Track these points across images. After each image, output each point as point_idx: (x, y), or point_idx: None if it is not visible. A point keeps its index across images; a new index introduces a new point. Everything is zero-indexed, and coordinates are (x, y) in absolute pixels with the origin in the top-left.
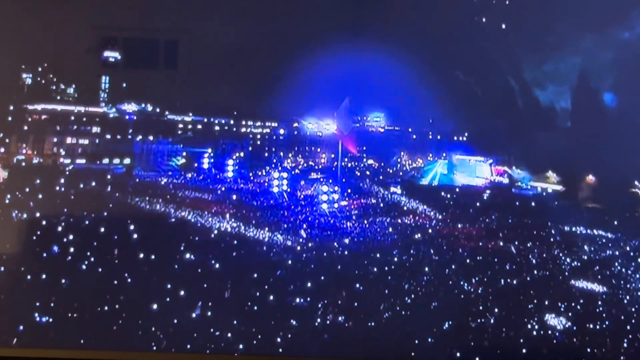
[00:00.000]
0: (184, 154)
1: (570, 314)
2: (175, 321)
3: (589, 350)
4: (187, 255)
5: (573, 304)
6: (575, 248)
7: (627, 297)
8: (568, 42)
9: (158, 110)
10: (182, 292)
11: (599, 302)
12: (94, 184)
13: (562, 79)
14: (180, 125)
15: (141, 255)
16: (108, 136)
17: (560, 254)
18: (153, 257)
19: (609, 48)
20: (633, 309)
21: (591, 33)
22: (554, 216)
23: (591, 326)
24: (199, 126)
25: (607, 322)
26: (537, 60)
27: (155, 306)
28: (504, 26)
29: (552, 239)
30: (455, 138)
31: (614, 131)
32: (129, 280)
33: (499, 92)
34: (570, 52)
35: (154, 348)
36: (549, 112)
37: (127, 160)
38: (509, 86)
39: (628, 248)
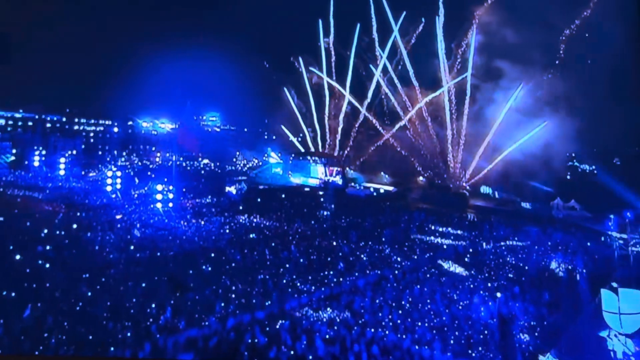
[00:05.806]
0: (14, 151)
1: (400, 312)
2: (2, 321)
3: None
4: (16, 256)
5: (402, 302)
6: (407, 248)
7: (456, 294)
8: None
9: None
10: (10, 293)
11: (428, 301)
12: None
13: (405, 81)
14: (10, 122)
15: None
16: None
17: (393, 254)
18: None
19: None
20: (464, 304)
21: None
22: (386, 216)
23: (420, 323)
24: (30, 123)
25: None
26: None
27: None
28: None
29: (383, 239)
30: (290, 139)
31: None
32: None
33: (336, 94)
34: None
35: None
36: (388, 113)
37: None
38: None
39: (461, 247)
